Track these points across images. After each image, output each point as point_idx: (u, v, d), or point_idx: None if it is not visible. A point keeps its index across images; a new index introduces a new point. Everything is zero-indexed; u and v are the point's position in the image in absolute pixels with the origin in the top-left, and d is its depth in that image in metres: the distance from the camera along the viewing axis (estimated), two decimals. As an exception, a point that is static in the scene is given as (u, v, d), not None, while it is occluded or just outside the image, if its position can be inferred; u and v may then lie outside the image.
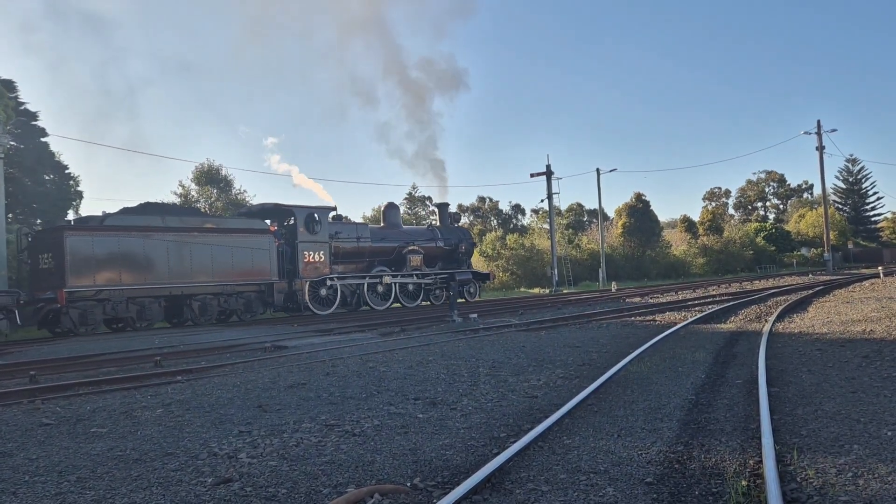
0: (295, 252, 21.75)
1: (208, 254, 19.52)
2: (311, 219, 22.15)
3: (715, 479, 4.09)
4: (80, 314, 17.49)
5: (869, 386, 6.62)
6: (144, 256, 18.43)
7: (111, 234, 18.04)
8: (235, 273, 20.15)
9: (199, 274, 19.44)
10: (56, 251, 17.43)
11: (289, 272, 21.64)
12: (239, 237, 20.29)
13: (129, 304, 18.29)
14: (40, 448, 5.51)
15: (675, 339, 11.31)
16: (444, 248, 26.93)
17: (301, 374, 8.76)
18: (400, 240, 25.35)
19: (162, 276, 18.70)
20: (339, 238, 23.05)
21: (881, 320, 12.20)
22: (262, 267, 20.71)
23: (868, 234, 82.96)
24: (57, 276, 17.31)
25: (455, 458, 4.77)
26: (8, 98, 26.46)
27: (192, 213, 21.77)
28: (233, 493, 4.15)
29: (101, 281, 17.70)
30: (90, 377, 9.45)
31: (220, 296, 20.04)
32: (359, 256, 23.99)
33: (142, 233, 18.44)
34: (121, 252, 18.05)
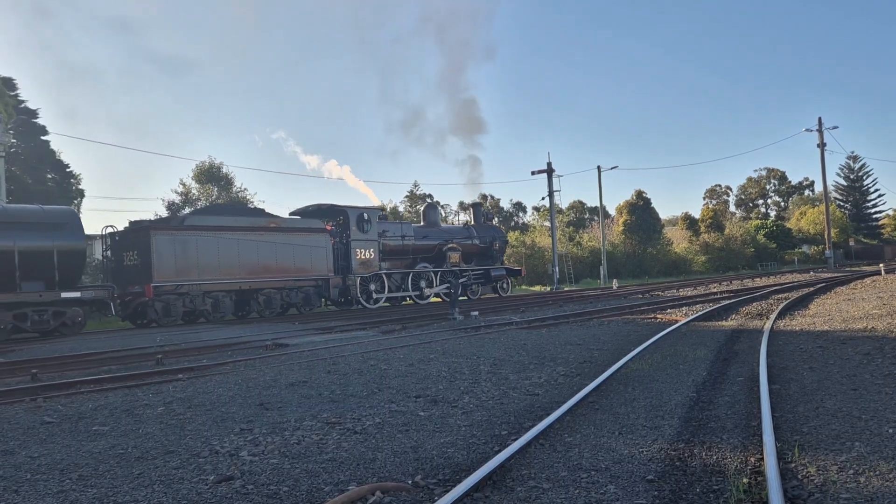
0: (348, 249, 23.22)
1: (273, 251, 21.00)
2: (362, 218, 23.62)
3: (716, 477, 4.09)
4: (163, 307, 18.87)
5: (870, 383, 6.62)
6: (218, 254, 19.86)
7: (190, 233, 19.50)
8: (296, 269, 21.60)
9: (265, 270, 20.89)
10: (142, 249, 18.84)
11: (342, 268, 23.09)
12: (300, 236, 21.77)
13: (205, 298, 19.73)
14: (42, 446, 5.51)
15: (676, 336, 11.30)
16: (479, 246, 28.35)
17: (302, 372, 8.76)
18: (440, 238, 26.78)
19: (233, 272, 20.17)
20: (386, 236, 24.49)
21: (882, 317, 12.19)
22: (320, 263, 22.22)
23: (869, 231, 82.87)
24: (144, 271, 18.70)
25: (456, 455, 4.77)
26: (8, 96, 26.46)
27: (257, 214, 22.90)
28: (234, 490, 4.15)
29: (181, 276, 19.12)
30: (92, 375, 9.46)
31: (283, 290, 21.43)
32: (403, 253, 25.33)
33: (216, 232, 19.90)
34: (198, 250, 19.48)
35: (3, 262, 16.22)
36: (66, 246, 17.18)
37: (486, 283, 28.44)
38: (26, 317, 16.55)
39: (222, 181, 35.55)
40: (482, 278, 28.12)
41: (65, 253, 17.11)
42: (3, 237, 16.28)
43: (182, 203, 34.57)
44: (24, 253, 16.51)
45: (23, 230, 16.65)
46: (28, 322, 16.57)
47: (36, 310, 16.72)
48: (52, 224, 17.20)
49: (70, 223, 17.66)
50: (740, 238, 61.72)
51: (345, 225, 23.57)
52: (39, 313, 16.78)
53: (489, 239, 28.82)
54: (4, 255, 16.22)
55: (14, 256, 16.34)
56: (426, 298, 25.59)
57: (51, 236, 17.00)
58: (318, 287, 22.46)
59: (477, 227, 29.16)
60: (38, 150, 29.20)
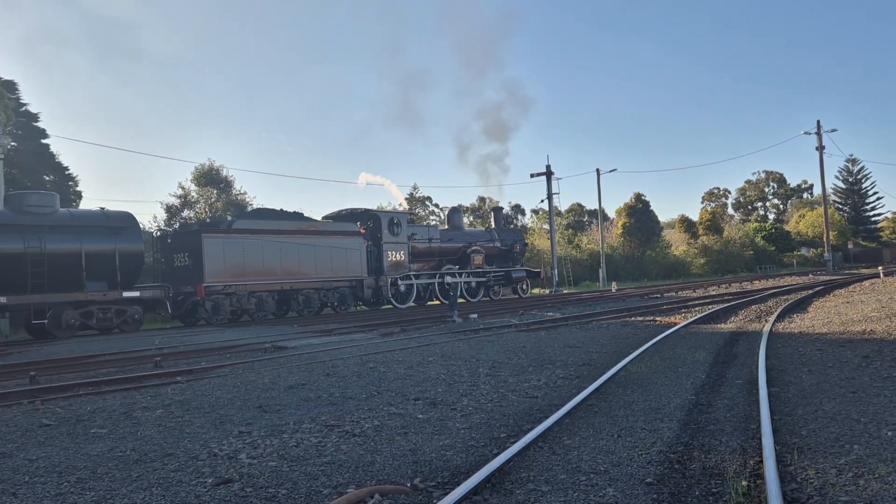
0: (380, 252, 24.31)
1: (312, 253, 22.11)
2: (393, 222, 24.82)
3: (715, 480, 4.09)
4: (213, 306, 19.91)
5: (869, 386, 6.62)
6: (262, 256, 20.92)
7: (237, 235, 20.52)
8: (333, 270, 22.77)
9: (305, 271, 22.01)
10: (193, 250, 19.85)
11: (375, 269, 24.16)
12: (336, 239, 23.00)
13: (250, 298, 20.76)
14: (40, 449, 5.50)
15: (675, 339, 11.30)
16: (500, 248, 29.53)
17: (301, 375, 8.75)
18: (464, 241, 28.09)
19: (276, 273, 21.22)
20: (415, 239, 25.75)
21: (881, 320, 12.20)
22: (355, 265, 23.40)
23: (868, 234, 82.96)
24: (195, 272, 19.68)
25: (455, 458, 4.76)
26: (8, 99, 26.46)
27: (297, 218, 23.77)
28: (233, 493, 4.14)
29: (229, 277, 20.16)
30: (90, 378, 9.45)
31: (321, 290, 22.60)
32: (430, 256, 26.67)
33: (260, 235, 20.93)
34: (244, 252, 20.54)
35: (71, 263, 17.26)
36: (126, 248, 18.37)
37: (507, 284, 29.56)
38: (92, 314, 17.57)
39: (222, 184, 35.53)
40: (503, 279, 29.20)
41: (125, 254, 18.28)
42: (71, 240, 17.35)
43: (181, 206, 34.55)
44: (90, 254, 17.58)
45: (88, 233, 17.74)
46: (94, 319, 17.60)
47: (100, 308, 17.75)
48: (114, 227, 18.33)
49: (130, 227, 18.87)
50: (739, 241, 61.77)
51: (376, 228, 24.59)
52: (103, 311, 17.82)
53: (510, 242, 30.02)
54: (72, 257, 17.30)
55: (81, 258, 17.39)
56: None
57: (113, 239, 18.14)
58: (353, 287, 23.54)
59: (498, 230, 30.33)
60: (37, 153, 29.19)
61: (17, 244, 16.53)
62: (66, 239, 17.30)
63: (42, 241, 16.83)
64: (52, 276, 16.87)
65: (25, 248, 16.59)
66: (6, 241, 16.44)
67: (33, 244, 16.70)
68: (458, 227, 29.23)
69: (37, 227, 16.91)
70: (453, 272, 26.71)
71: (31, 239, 16.70)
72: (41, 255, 16.77)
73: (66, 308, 17.10)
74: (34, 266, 16.64)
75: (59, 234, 17.22)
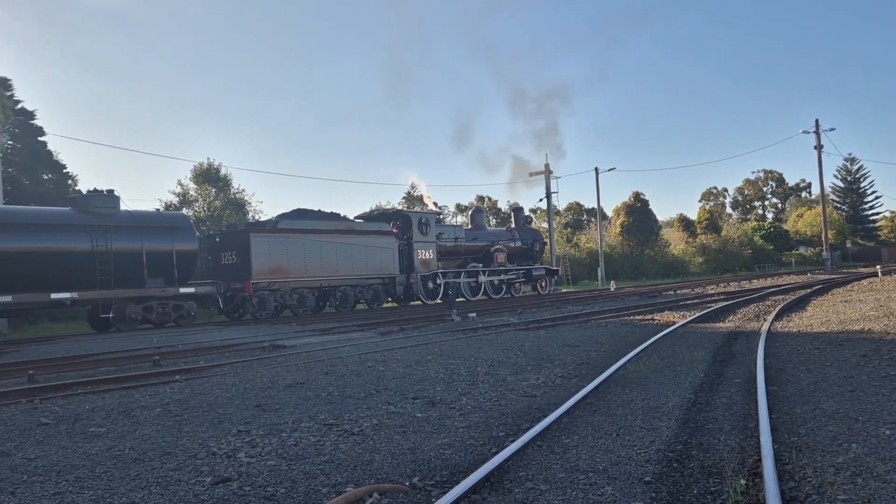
0: (410, 250, 25.31)
1: (349, 252, 23.21)
2: (422, 222, 25.93)
3: (713, 478, 4.09)
4: (259, 301, 20.95)
5: (867, 385, 6.63)
6: (304, 254, 21.99)
7: (281, 235, 21.56)
8: (368, 268, 23.83)
9: (343, 269, 23.14)
10: (241, 249, 20.98)
11: (406, 268, 25.16)
12: (371, 238, 24.04)
13: (293, 294, 21.86)
14: (38, 447, 5.50)
15: (673, 338, 11.31)
16: (521, 247, 30.61)
17: (300, 374, 8.75)
18: (487, 240, 29.10)
19: (316, 271, 22.31)
20: (442, 238, 26.71)
21: (879, 319, 12.21)
22: (388, 263, 24.43)
23: (866, 233, 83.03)
24: (243, 270, 20.78)
25: (454, 457, 4.76)
26: (5, 97, 26.40)
27: (335, 218, 24.78)
28: (231, 492, 4.14)
29: (273, 274, 21.22)
30: (88, 376, 9.44)
31: (357, 287, 23.72)
32: (456, 254, 27.71)
33: (302, 234, 22.05)
34: (287, 250, 21.57)
35: (133, 261, 18.42)
36: (182, 247, 19.53)
37: (527, 281, 30.66)
38: (152, 309, 18.78)
39: (220, 182, 35.49)
40: (524, 277, 30.26)
41: (181, 253, 19.44)
42: (133, 239, 18.55)
43: (180, 204, 34.50)
44: (150, 253, 18.75)
45: (148, 233, 18.92)
46: (154, 314, 18.79)
47: (160, 303, 18.96)
48: (171, 227, 19.60)
49: (185, 227, 20.20)
50: (737, 240, 61.81)
51: (406, 228, 25.66)
52: (162, 306, 19.01)
53: (530, 241, 31.15)
54: (134, 255, 18.46)
55: (142, 256, 18.60)
56: (476, 295, 27.63)
57: (170, 238, 19.30)
58: (386, 285, 24.57)
59: (518, 229, 31.43)
60: (35, 151, 29.13)
61: (86, 243, 17.70)
62: (129, 238, 18.48)
63: (108, 241, 17.99)
64: (117, 273, 18.01)
65: (93, 247, 17.76)
66: (76, 241, 17.58)
67: (100, 243, 17.87)
68: (481, 226, 30.34)
69: (103, 228, 18.01)
70: (477, 270, 27.86)
71: (98, 238, 17.85)
72: (107, 253, 17.92)
73: (129, 303, 18.32)
74: (101, 264, 17.78)
75: (123, 234, 18.38)
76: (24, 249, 16.77)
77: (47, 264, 17.04)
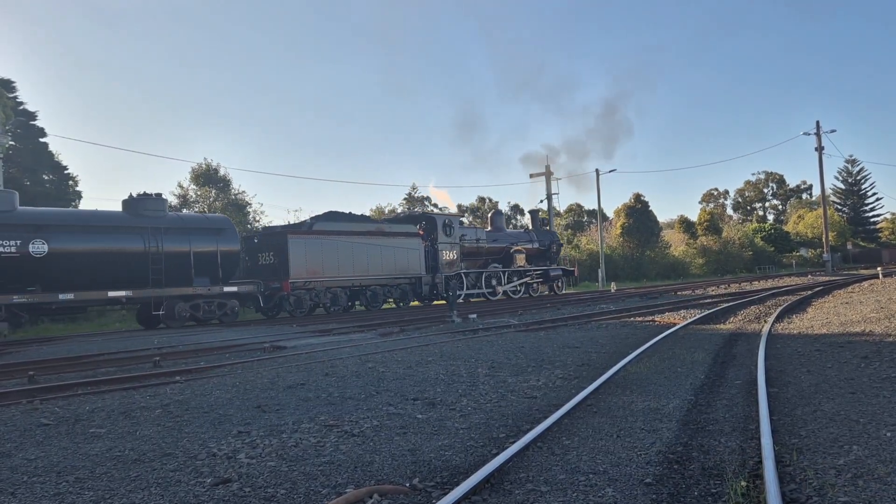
0: (436, 252, 26.20)
1: (379, 253, 24.08)
2: (447, 224, 26.81)
3: (714, 480, 4.09)
4: (295, 300, 21.87)
5: (868, 386, 6.62)
6: (337, 255, 22.92)
7: (316, 236, 22.52)
8: (396, 268, 24.71)
9: (373, 269, 23.97)
10: (279, 250, 21.89)
11: (431, 268, 26.04)
12: (399, 240, 24.91)
13: (327, 293, 22.77)
14: (39, 448, 5.50)
15: (674, 339, 11.30)
16: (539, 248, 31.47)
17: (300, 375, 8.74)
18: (507, 241, 29.99)
19: (348, 271, 23.22)
20: (465, 240, 27.55)
21: (880, 321, 12.20)
22: (414, 264, 25.32)
23: (867, 234, 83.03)
24: (281, 270, 21.70)
25: (454, 458, 4.76)
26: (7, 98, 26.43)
27: (365, 220, 26.03)
28: (231, 493, 4.14)
29: (309, 274, 22.14)
30: (89, 377, 9.44)
31: (385, 287, 24.55)
32: (478, 255, 28.47)
33: (335, 236, 23.00)
34: (321, 251, 22.51)
35: (182, 261, 19.35)
36: (226, 248, 20.51)
37: (545, 282, 31.46)
38: (199, 307, 19.70)
39: (220, 183, 35.51)
40: (541, 277, 31.10)
41: (225, 254, 20.42)
42: (182, 241, 19.50)
43: (180, 205, 34.51)
44: (197, 254, 19.74)
45: (195, 235, 19.90)
46: (200, 311, 19.70)
47: (206, 301, 19.86)
48: (215, 229, 20.55)
49: (228, 229, 21.06)
50: (738, 241, 61.78)
51: (431, 229, 26.53)
52: (208, 304, 19.92)
53: (547, 242, 32.10)
54: (183, 256, 19.40)
55: (190, 257, 19.54)
56: (496, 295, 28.54)
57: (215, 240, 20.30)
58: (412, 284, 25.48)
59: (536, 231, 32.55)
60: (36, 152, 29.16)
61: (139, 244, 18.75)
62: (178, 240, 19.43)
63: (159, 242, 18.96)
64: (167, 272, 18.92)
65: (146, 248, 18.77)
66: (131, 242, 18.66)
67: (152, 244, 18.86)
68: (500, 228, 31.11)
69: (154, 230, 19.00)
70: (498, 271, 28.76)
71: (150, 240, 18.86)
72: (158, 254, 18.89)
73: (177, 301, 19.24)
74: (153, 263, 18.75)
75: (173, 236, 19.34)
76: (85, 250, 17.81)
77: (105, 264, 18.07)
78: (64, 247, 17.39)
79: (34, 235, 17.01)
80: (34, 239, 16.99)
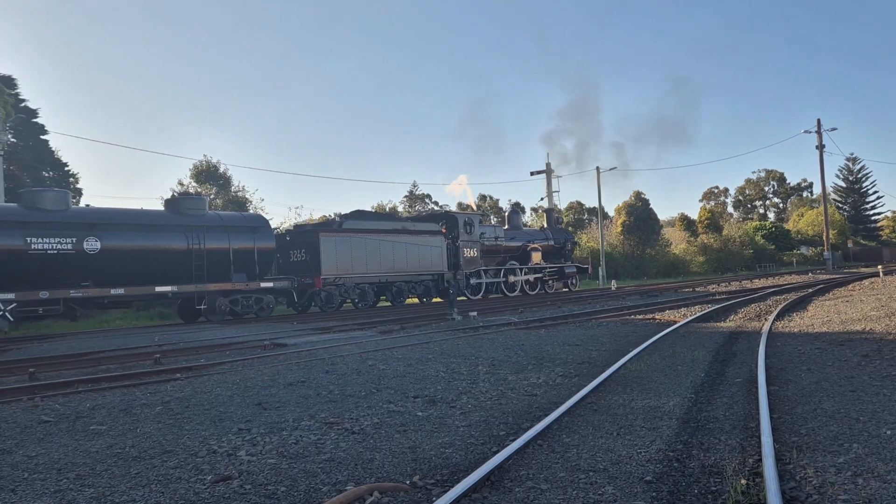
0: (457, 249, 26.94)
1: (404, 250, 24.88)
2: (467, 222, 27.54)
3: (714, 478, 4.09)
4: (326, 295, 22.76)
5: (868, 385, 6.62)
6: (365, 252, 23.71)
7: (346, 235, 23.31)
8: (420, 265, 25.49)
9: (398, 266, 24.77)
10: (311, 248, 22.74)
11: (453, 265, 26.74)
12: (423, 238, 25.74)
13: (355, 289, 23.59)
14: (39, 445, 5.50)
15: (674, 337, 11.30)
16: (554, 246, 32.37)
17: (300, 372, 8.75)
18: (524, 239, 30.86)
19: (375, 267, 24.03)
20: (484, 238, 28.28)
21: (880, 319, 12.20)
22: (437, 261, 26.13)
23: (868, 233, 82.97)
24: (313, 266, 22.53)
25: (454, 456, 4.76)
26: (7, 95, 26.41)
27: (391, 219, 27.45)
28: (232, 490, 4.14)
29: (339, 270, 22.97)
30: (90, 374, 9.45)
31: (410, 283, 25.37)
32: (496, 253, 29.19)
33: (364, 234, 23.77)
34: (351, 248, 23.28)
35: (221, 258, 20.28)
36: (262, 245, 21.38)
37: (560, 278, 32.34)
38: (238, 301, 20.58)
39: (220, 180, 35.52)
40: (556, 274, 31.92)
41: (261, 251, 21.31)
42: (222, 238, 20.40)
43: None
44: (235, 251, 20.66)
45: (234, 233, 20.77)
46: (239, 306, 20.59)
47: (244, 296, 20.74)
48: (252, 227, 21.43)
49: (264, 227, 22.03)
50: (739, 239, 61.73)
51: (452, 228, 27.29)
52: (246, 299, 20.80)
53: (562, 240, 32.99)
54: (222, 253, 20.32)
55: (229, 254, 20.47)
56: (514, 291, 29.35)
57: (252, 237, 21.17)
58: (435, 280, 26.25)
59: (551, 229, 33.27)
60: (36, 149, 29.15)
61: (182, 242, 19.62)
62: (218, 238, 20.33)
63: (201, 240, 19.85)
64: (208, 268, 19.82)
65: (188, 245, 19.64)
66: (175, 240, 19.51)
67: (194, 242, 19.75)
68: (518, 226, 31.93)
69: (196, 228, 19.89)
70: (515, 268, 29.50)
71: (192, 238, 19.75)
72: (200, 251, 19.77)
73: (218, 296, 20.17)
74: (196, 260, 19.63)
75: (213, 234, 20.24)
76: (133, 247, 18.76)
77: (151, 261, 18.97)
78: (115, 244, 18.28)
79: (88, 233, 17.88)
80: (88, 237, 17.87)
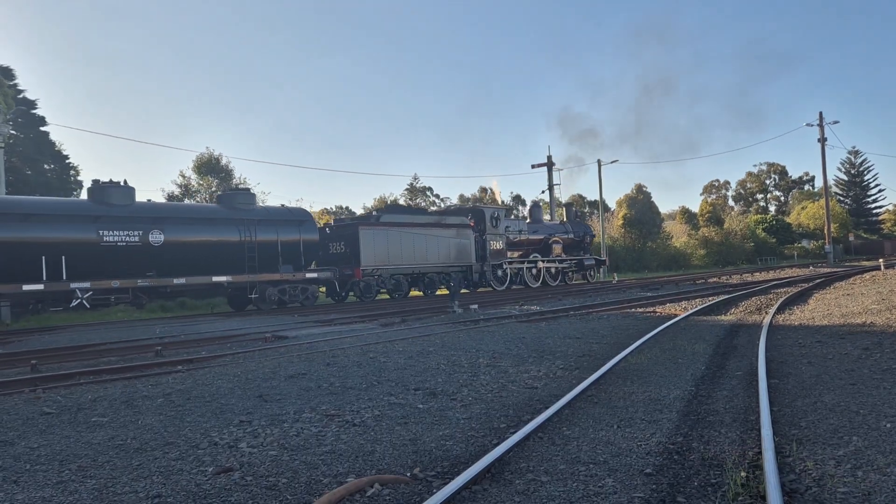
0: (484, 242, 28.05)
1: (436, 243, 26.09)
2: (494, 216, 28.74)
3: (714, 470, 4.10)
4: (364, 286, 23.95)
5: (868, 378, 6.63)
6: (400, 244, 24.79)
7: (383, 228, 24.46)
8: (450, 257, 26.69)
9: (430, 258, 25.93)
10: (350, 240, 23.88)
11: (480, 257, 27.92)
12: (454, 231, 26.89)
13: (391, 279, 24.74)
14: (41, 437, 5.52)
15: (675, 330, 11.31)
16: (574, 239, 33.48)
17: (301, 365, 8.76)
18: (545, 232, 32.02)
19: (410, 259, 25.17)
20: (509, 231, 29.49)
21: (881, 313, 12.20)
22: (466, 253, 27.25)
23: (869, 226, 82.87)
24: (353, 258, 23.70)
25: (455, 448, 4.78)
26: (7, 86, 26.35)
27: (422, 213, 29.02)
28: (233, 482, 4.16)
29: (376, 262, 24.07)
30: (91, 366, 9.47)
31: (441, 274, 26.56)
32: (520, 246, 30.44)
33: (399, 228, 24.94)
34: (387, 241, 24.39)
35: (270, 250, 21.33)
36: (307, 238, 22.54)
37: (579, 270, 33.62)
38: (286, 291, 21.72)
39: (222, 173, 35.49)
40: (576, 266, 33.15)
41: (307, 243, 22.44)
42: (271, 231, 21.49)
43: (182, 195, 34.51)
44: (283, 243, 21.71)
45: (282, 226, 21.87)
46: (287, 295, 21.75)
47: (291, 286, 21.84)
48: (298, 221, 22.59)
49: (308, 220, 23.23)
50: (740, 232, 61.69)
51: (479, 221, 28.26)
52: (293, 288, 21.92)
53: (581, 233, 34.10)
54: (271, 245, 21.40)
55: (277, 246, 21.52)
56: (536, 282, 30.44)
57: (298, 230, 22.30)
58: (464, 272, 27.15)
59: (570, 223, 34.35)
60: (37, 141, 29.12)
61: (235, 235, 20.73)
62: (268, 231, 21.41)
63: (252, 233, 20.94)
64: (259, 260, 20.91)
65: (241, 238, 20.74)
66: (229, 233, 20.64)
67: (246, 235, 20.84)
68: (539, 220, 33.13)
69: (248, 222, 20.97)
70: (538, 260, 30.65)
71: (244, 231, 20.84)
72: (252, 243, 20.88)
73: (268, 286, 21.28)
74: (248, 252, 20.74)
75: (263, 227, 21.32)
76: (193, 240, 19.89)
77: (208, 252, 20.11)
78: (176, 237, 19.39)
79: (152, 226, 19.01)
80: (153, 229, 19.00)
